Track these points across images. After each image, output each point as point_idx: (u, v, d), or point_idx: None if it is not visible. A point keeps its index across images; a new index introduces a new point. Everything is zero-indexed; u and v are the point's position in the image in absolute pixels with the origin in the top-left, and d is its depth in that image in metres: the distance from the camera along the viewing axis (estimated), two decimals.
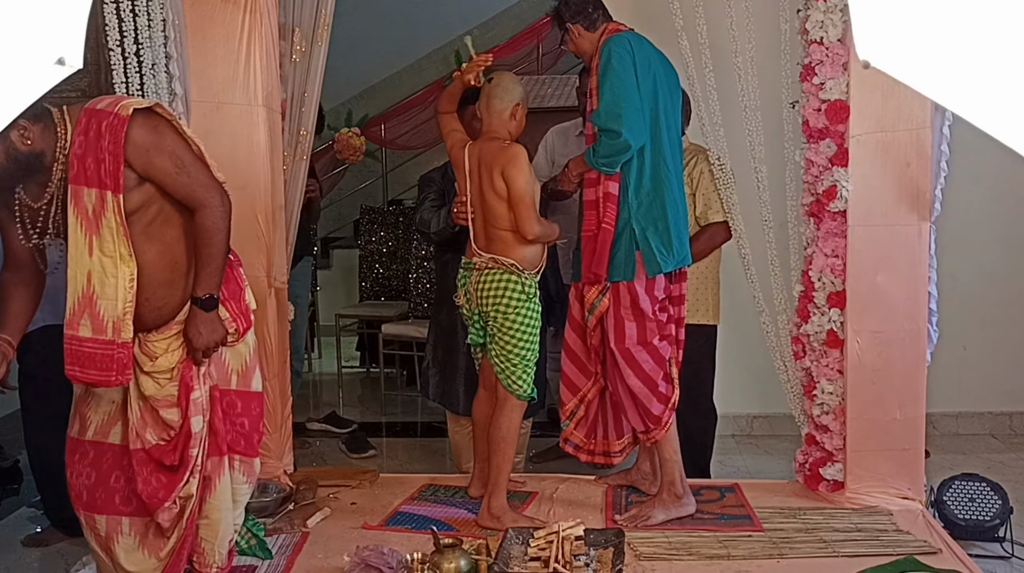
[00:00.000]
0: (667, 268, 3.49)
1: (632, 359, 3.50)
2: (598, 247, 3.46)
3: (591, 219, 3.50)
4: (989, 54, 0.94)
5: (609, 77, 3.37)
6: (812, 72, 3.56)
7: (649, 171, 3.44)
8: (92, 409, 2.76)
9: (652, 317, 3.49)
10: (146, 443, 2.70)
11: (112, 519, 2.74)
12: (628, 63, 3.38)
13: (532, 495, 3.84)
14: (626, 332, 3.49)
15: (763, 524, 3.51)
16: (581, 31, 3.54)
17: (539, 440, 4.84)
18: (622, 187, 3.43)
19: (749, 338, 4.24)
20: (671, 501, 3.57)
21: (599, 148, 3.41)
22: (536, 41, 8.12)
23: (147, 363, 2.69)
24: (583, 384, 3.69)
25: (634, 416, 3.58)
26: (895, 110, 3.51)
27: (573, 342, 3.67)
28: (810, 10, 3.55)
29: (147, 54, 3.41)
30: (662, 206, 3.46)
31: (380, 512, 3.72)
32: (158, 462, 2.70)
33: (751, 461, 4.74)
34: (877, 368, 3.61)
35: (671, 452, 3.59)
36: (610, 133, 3.36)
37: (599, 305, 3.51)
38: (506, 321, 3.50)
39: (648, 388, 3.51)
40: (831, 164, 3.56)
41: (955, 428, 5.08)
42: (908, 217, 3.57)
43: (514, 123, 3.59)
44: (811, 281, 3.66)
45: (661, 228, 3.46)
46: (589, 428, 3.74)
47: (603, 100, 3.37)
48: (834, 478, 3.72)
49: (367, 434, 5.29)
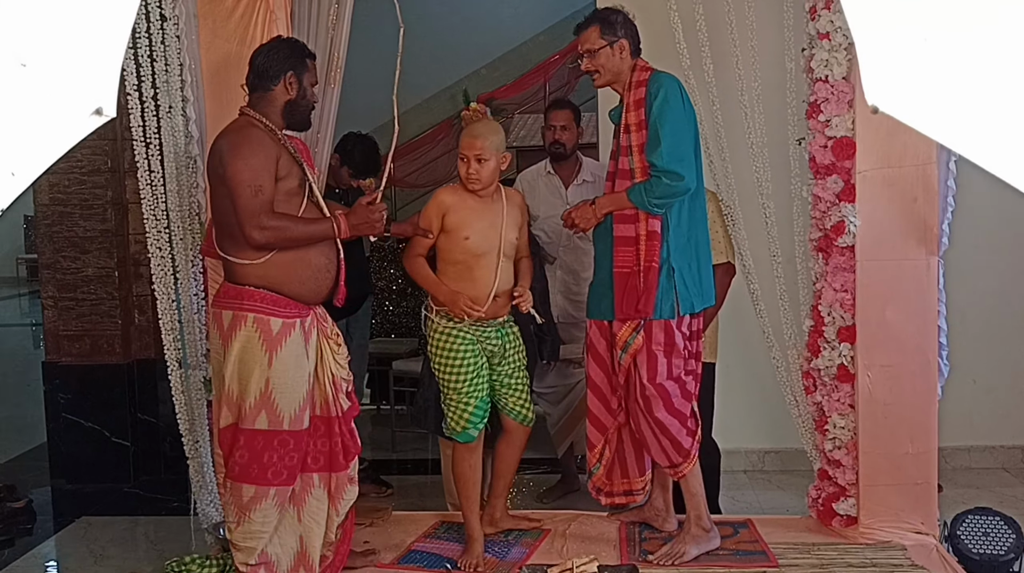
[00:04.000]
0: (698, 307, 3.50)
1: (665, 394, 3.47)
2: (642, 285, 3.40)
3: (627, 256, 3.43)
4: (999, 98, 0.97)
5: (669, 117, 3.33)
6: (818, 109, 3.60)
7: (687, 211, 3.44)
8: (281, 403, 3.13)
9: (682, 352, 3.48)
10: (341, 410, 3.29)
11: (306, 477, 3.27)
12: (683, 104, 3.37)
13: (544, 532, 3.83)
14: (659, 368, 3.45)
15: (778, 560, 3.50)
16: (627, 50, 3.46)
17: (546, 477, 4.84)
18: (662, 226, 3.39)
19: (759, 373, 4.25)
20: (700, 535, 3.56)
21: (655, 188, 3.34)
22: (543, 80, 8.22)
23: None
24: (610, 423, 3.63)
25: (658, 452, 3.54)
26: (901, 146, 3.55)
27: (600, 380, 3.61)
28: (815, 48, 3.60)
29: (164, 98, 3.48)
30: (695, 246, 3.47)
31: (393, 550, 3.72)
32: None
33: (763, 497, 4.72)
34: (888, 402, 3.61)
35: (697, 486, 3.57)
36: (673, 175, 3.32)
37: (633, 343, 3.45)
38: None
39: (679, 421, 3.49)
40: (838, 200, 3.59)
41: (967, 462, 5.06)
42: (916, 251, 3.60)
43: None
44: (821, 316, 3.68)
45: (693, 267, 3.46)
46: (608, 469, 3.68)
47: (667, 141, 3.32)
48: (847, 513, 3.71)
49: (378, 472, 5.29)
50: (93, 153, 5.08)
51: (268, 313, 3.11)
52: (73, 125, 1.22)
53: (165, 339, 3.59)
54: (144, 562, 4.02)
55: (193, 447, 3.73)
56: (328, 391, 3.28)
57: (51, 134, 1.24)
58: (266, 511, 3.15)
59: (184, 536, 4.04)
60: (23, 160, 1.28)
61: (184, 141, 3.52)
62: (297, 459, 3.19)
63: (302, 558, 3.27)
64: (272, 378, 3.10)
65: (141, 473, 5.28)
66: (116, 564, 4.10)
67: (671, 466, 3.56)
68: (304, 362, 3.18)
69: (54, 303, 5.26)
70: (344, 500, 3.36)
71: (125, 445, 5.24)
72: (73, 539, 4.54)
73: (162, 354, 3.70)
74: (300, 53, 3.23)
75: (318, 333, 3.26)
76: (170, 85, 3.49)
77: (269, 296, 3.11)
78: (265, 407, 3.12)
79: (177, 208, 3.62)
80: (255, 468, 3.13)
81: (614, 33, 3.45)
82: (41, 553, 4.40)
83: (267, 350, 3.10)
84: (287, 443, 3.15)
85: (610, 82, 3.52)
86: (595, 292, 3.59)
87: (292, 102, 3.19)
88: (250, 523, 3.16)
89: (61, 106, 1.22)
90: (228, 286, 3.18)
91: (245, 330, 3.10)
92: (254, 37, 3.72)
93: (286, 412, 3.14)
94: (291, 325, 3.14)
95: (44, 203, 5.17)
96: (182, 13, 3.52)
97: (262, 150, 3.08)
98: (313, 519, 3.29)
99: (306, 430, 3.21)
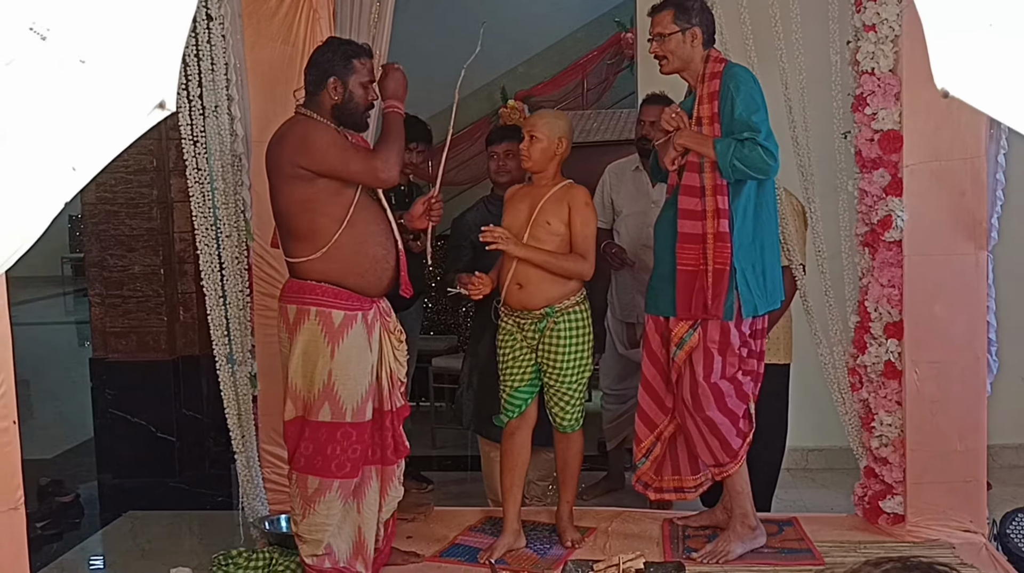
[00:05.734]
0: (761, 310, 3.43)
1: (718, 392, 3.42)
2: (710, 286, 3.33)
3: (692, 254, 3.35)
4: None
5: (756, 107, 3.28)
6: (864, 102, 3.56)
7: (752, 211, 3.37)
8: (343, 395, 3.18)
9: (736, 352, 3.43)
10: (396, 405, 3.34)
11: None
12: (761, 96, 3.32)
13: (590, 530, 3.82)
14: (714, 366, 3.41)
15: (824, 558, 3.47)
16: (699, 39, 3.38)
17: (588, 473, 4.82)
18: (730, 226, 3.32)
19: (804, 370, 4.21)
20: (745, 533, 3.53)
21: (746, 149, 3.24)
22: (581, 77, 8.20)
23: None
24: (660, 420, 3.58)
25: (705, 451, 3.49)
26: (949, 139, 3.50)
27: (652, 377, 3.57)
28: (860, 41, 3.56)
29: (210, 97, 3.51)
30: (760, 247, 3.40)
31: (435, 544, 3.73)
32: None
33: (808, 495, 4.68)
34: (936, 399, 3.56)
35: (742, 485, 3.54)
36: (769, 152, 3.25)
37: (688, 340, 3.41)
38: None
39: (730, 421, 3.45)
40: (885, 194, 3.55)
41: (1016, 460, 4.99)
42: (965, 246, 3.55)
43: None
44: (867, 311, 3.64)
45: (758, 269, 3.39)
46: (658, 465, 3.64)
47: (762, 126, 3.27)
48: (894, 511, 3.67)
49: (418, 468, 5.31)
50: (139, 152, 5.14)
51: (330, 306, 3.16)
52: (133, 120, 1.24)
53: (214, 335, 3.63)
54: (190, 556, 4.07)
55: (241, 442, 3.77)
56: (386, 385, 3.31)
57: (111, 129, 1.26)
58: (330, 503, 3.19)
59: (228, 530, 4.08)
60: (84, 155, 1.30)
61: (230, 139, 3.56)
62: (359, 451, 3.23)
63: (360, 549, 3.32)
64: (334, 370, 3.15)
65: (186, 468, 5.34)
66: (162, 558, 4.15)
67: (716, 465, 3.52)
68: (366, 355, 3.21)
69: (101, 300, 5.34)
70: (389, 496, 3.40)
71: (170, 440, 5.30)
72: (120, 533, 4.61)
73: (206, 350, 3.76)
74: (346, 55, 3.20)
75: (380, 327, 3.29)
76: (216, 84, 3.53)
77: (330, 289, 3.16)
78: (328, 399, 3.16)
79: (223, 206, 3.66)
80: (319, 460, 3.18)
81: (688, 20, 3.35)
82: (89, 547, 4.48)
83: (329, 342, 3.15)
84: (350, 435, 3.19)
85: (678, 70, 3.44)
86: (654, 287, 3.54)
87: (339, 106, 3.20)
88: (315, 515, 3.20)
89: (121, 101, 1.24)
90: (291, 282, 3.25)
91: (308, 324, 3.16)
92: (297, 36, 3.77)
93: (348, 404, 3.17)
94: (353, 317, 3.18)
95: (91, 202, 5.25)
96: (227, 13, 3.55)
97: (333, 133, 3.16)
98: (370, 511, 3.33)
99: (369, 422, 3.24)
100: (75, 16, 1.27)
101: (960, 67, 0.95)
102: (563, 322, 3.53)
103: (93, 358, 5.41)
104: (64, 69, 1.25)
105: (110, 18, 1.27)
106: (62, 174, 1.28)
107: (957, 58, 0.95)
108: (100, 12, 1.28)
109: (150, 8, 1.27)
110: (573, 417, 3.62)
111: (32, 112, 1.24)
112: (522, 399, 3.61)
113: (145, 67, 1.25)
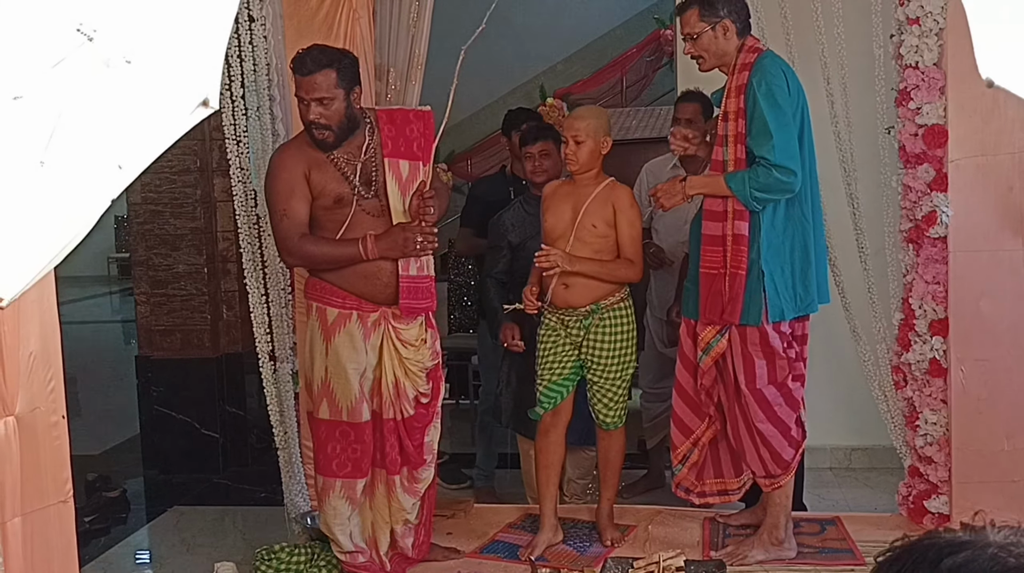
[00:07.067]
0: (789, 315, 3.32)
1: (764, 400, 3.32)
2: (727, 291, 3.27)
3: (714, 256, 3.30)
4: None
5: (775, 109, 3.17)
6: (908, 97, 3.52)
7: (783, 211, 3.27)
8: (338, 392, 3.20)
9: (783, 355, 3.32)
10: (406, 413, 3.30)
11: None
12: (787, 92, 3.19)
13: (630, 528, 3.81)
14: (756, 371, 3.31)
15: (865, 558, 3.43)
16: (731, 30, 3.25)
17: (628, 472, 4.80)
18: (752, 227, 3.24)
19: (845, 368, 4.17)
20: (770, 543, 3.46)
21: (761, 177, 3.16)
22: (620, 74, 8.17)
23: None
24: (696, 426, 3.49)
25: (755, 461, 3.39)
26: (995, 134, 3.44)
27: (686, 382, 3.48)
28: (904, 35, 3.51)
29: (252, 97, 3.56)
30: (791, 249, 3.30)
31: (475, 540, 3.74)
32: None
33: (850, 494, 4.63)
34: (983, 397, 3.51)
35: (784, 497, 3.46)
36: (785, 171, 3.15)
37: (715, 345, 3.34)
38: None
39: (780, 431, 3.35)
40: (930, 189, 3.50)
41: None
42: (1012, 242, 3.49)
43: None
44: (911, 309, 3.59)
45: (787, 272, 3.29)
46: (699, 470, 3.55)
47: (777, 135, 3.16)
48: (939, 511, 3.62)
49: (458, 465, 5.32)
50: (183, 153, 5.22)
51: (326, 302, 3.24)
52: (177, 118, 1.26)
53: (256, 333, 3.68)
54: (234, 550, 4.12)
55: (283, 438, 3.81)
56: (386, 393, 3.29)
57: (156, 127, 1.28)
58: (335, 502, 3.24)
59: (272, 526, 4.12)
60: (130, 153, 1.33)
61: (271, 139, 3.60)
62: (360, 452, 3.24)
63: (371, 544, 3.37)
64: (329, 367, 3.21)
65: (230, 464, 5.41)
66: (207, 553, 4.21)
67: (767, 477, 3.42)
68: (358, 356, 3.23)
69: (147, 299, 5.42)
70: (394, 504, 3.39)
71: (214, 437, 5.37)
72: (165, 528, 4.68)
73: (248, 348, 3.80)
74: (295, 71, 3.14)
75: (385, 334, 3.28)
76: (258, 85, 3.57)
77: (328, 287, 3.24)
78: (326, 396, 3.23)
79: (265, 205, 3.69)
80: (321, 458, 3.24)
81: (715, 14, 3.24)
82: (135, 542, 4.55)
83: (324, 338, 3.22)
84: (348, 434, 3.22)
85: (716, 66, 3.34)
86: (687, 289, 3.51)
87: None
88: (325, 514, 3.29)
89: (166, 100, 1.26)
90: (307, 278, 3.37)
91: (311, 319, 3.27)
92: (338, 36, 3.79)
93: (343, 402, 3.22)
94: (347, 316, 3.22)
95: (136, 202, 5.33)
96: (269, 14, 3.60)
97: (284, 173, 3.14)
98: (380, 514, 3.38)
99: (367, 424, 3.26)
100: (121, 17, 1.29)
101: (1005, 56, 0.94)
102: (608, 318, 3.53)
103: (139, 356, 5.50)
104: (110, 69, 1.27)
105: (155, 19, 1.30)
106: (109, 172, 1.31)
107: (1001, 47, 0.94)
108: (145, 13, 1.30)
109: (194, 9, 1.29)
110: (617, 414, 3.61)
111: (79, 111, 1.26)
112: (558, 392, 3.61)
113: (189, 67, 1.27)
